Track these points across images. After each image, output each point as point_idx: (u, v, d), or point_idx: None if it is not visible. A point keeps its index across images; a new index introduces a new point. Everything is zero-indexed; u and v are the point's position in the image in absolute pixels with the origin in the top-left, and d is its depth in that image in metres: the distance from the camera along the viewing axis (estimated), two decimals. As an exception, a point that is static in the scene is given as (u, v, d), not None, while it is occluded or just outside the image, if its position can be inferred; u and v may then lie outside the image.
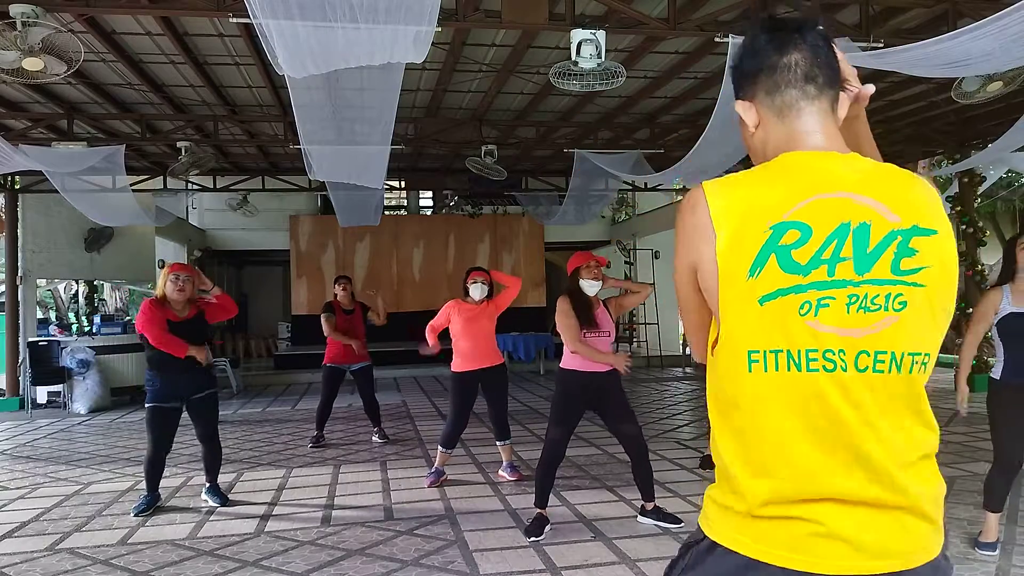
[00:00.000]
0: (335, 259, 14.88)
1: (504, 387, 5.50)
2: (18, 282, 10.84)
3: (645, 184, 11.49)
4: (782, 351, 1.15)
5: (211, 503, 5.07)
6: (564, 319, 4.26)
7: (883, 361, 1.14)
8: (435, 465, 5.48)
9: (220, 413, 5.26)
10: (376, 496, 5.21)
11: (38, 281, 12.75)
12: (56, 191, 9.03)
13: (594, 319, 4.25)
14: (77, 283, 16.15)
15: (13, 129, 8.86)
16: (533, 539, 4.11)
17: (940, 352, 1.24)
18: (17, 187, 10.88)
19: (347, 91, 5.94)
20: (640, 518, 4.42)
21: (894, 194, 1.19)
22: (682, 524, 4.25)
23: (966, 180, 9.92)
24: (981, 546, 3.83)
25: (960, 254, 10.15)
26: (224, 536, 4.38)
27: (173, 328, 4.76)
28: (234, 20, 4.70)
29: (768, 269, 1.14)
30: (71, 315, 16.45)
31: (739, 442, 1.22)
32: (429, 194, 17.92)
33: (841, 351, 1.13)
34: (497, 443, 5.57)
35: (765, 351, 1.16)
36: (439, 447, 5.44)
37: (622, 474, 5.55)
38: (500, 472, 5.60)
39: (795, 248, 1.14)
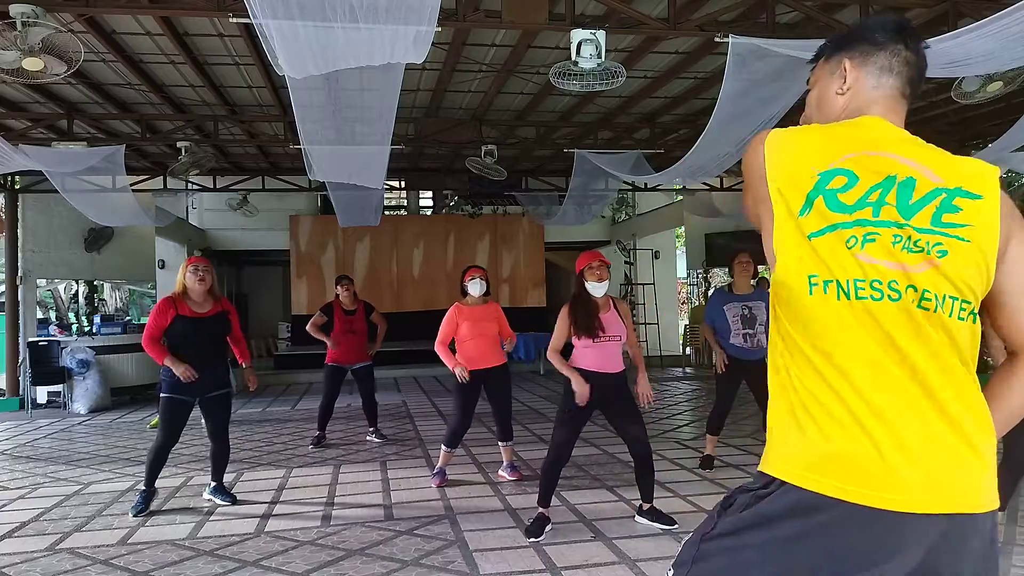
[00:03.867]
0: (335, 259, 14.88)
1: (507, 387, 5.48)
2: (18, 282, 10.84)
3: (645, 184, 11.48)
4: (831, 281, 1.24)
5: (217, 502, 5.06)
6: (557, 325, 4.27)
7: (929, 299, 1.22)
8: (439, 465, 5.47)
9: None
10: (376, 496, 5.21)
11: (38, 281, 12.74)
12: (56, 191, 9.03)
13: (596, 326, 4.17)
14: (77, 283, 16.14)
15: (13, 129, 8.86)
16: (533, 539, 4.10)
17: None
18: (17, 187, 10.88)
19: (347, 91, 5.94)
20: (637, 517, 4.43)
21: (941, 161, 1.29)
22: (677, 526, 4.25)
23: (966, 180, 9.89)
24: None
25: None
26: (224, 536, 4.38)
27: (188, 324, 4.74)
28: (234, 20, 4.70)
29: (816, 209, 1.25)
30: (71, 315, 16.44)
31: (808, 369, 1.26)
32: (429, 194, 17.92)
33: (892, 282, 1.22)
34: (499, 443, 5.57)
35: (822, 279, 1.25)
36: (442, 447, 5.44)
37: (622, 474, 5.55)
38: (500, 472, 5.60)
39: (841, 192, 1.25)
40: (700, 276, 16.10)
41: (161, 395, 4.88)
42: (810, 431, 1.24)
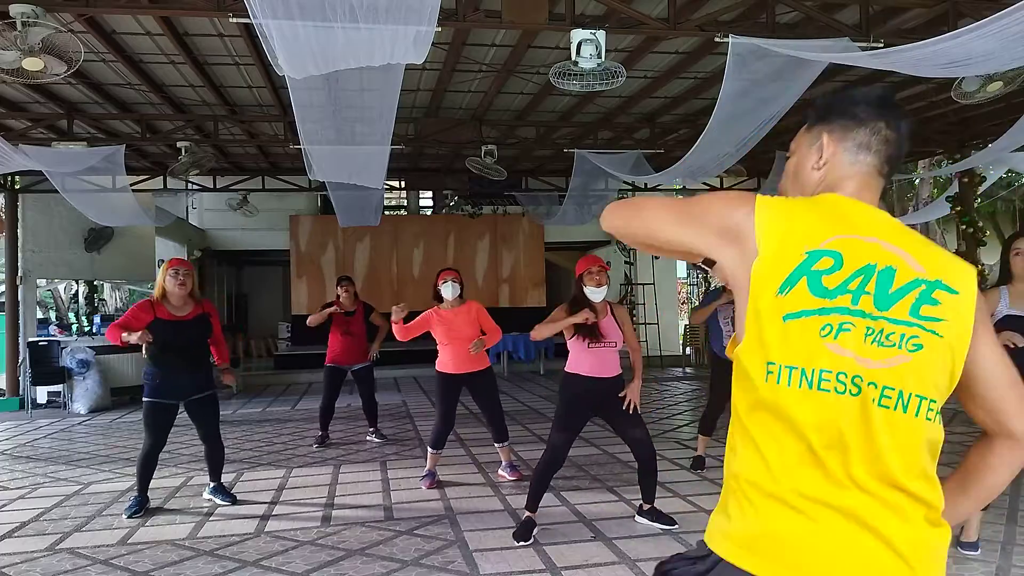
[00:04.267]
0: (335, 259, 14.87)
1: (492, 390, 5.43)
2: (18, 282, 10.84)
3: (645, 184, 11.47)
4: (797, 368, 1.19)
5: (217, 502, 5.06)
6: (552, 316, 4.27)
7: (890, 397, 1.18)
8: (427, 467, 5.46)
9: (220, 413, 5.25)
10: (376, 496, 5.21)
11: (38, 281, 12.74)
12: (56, 191, 9.03)
13: (596, 329, 4.16)
14: (77, 283, 16.14)
15: (13, 129, 8.86)
16: (522, 543, 4.08)
17: None
18: (17, 187, 10.88)
19: (347, 91, 5.94)
20: (637, 517, 4.43)
21: (924, 251, 1.27)
22: (677, 526, 4.25)
23: (966, 180, 9.92)
24: (963, 546, 3.83)
25: (960, 254, 10.21)
26: (224, 536, 4.38)
27: (168, 328, 4.70)
28: (234, 20, 4.70)
29: (797, 289, 1.20)
30: (71, 315, 16.45)
31: (751, 450, 1.24)
32: (429, 194, 17.91)
33: (856, 376, 1.18)
34: (495, 445, 5.56)
35: (781, 365, 1.20)
36: (428, 449, 5.44)
37: (622, 474, 5.55)
38: (500, 472, 5.60)
39: (826, 274, 1.20)
40: (700, 276, 16.11)
41: (144, 399, 4.86)
42: (749, 511, 1.22)
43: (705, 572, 1.24)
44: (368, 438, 7.24)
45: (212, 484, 5.14)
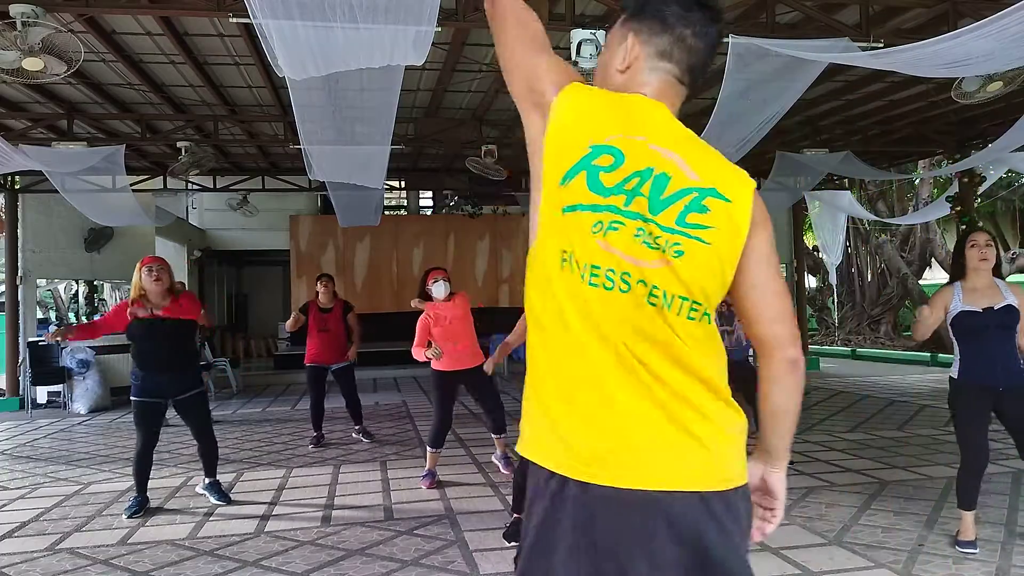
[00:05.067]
0: (335, 259, 14.86)
1: (488, 384, 5.41)
2: (18, 282, 10.83)
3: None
4: (575, 259, 1.24)
5: (212, 500, 5.06)
6: (519, 324, 4.32)
7: (656, 296, 1.23)
8: (427, 467, 5.46)
9: (220, 413, 5.26)
10: (376, 496, 5.20)
11: (38, 281, 12.74)
12: (56, 191, 9.02)
13: None
14: (77, 283, 16.15)
15: (13, 129, 8.86)
16: (514, 543, 4.06)
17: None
18: (17, 187, 10.88)
19: (347, 91, 5.94)
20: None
21: (702, 160, 1.28)
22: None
23: (966, 180, 9.91)
24: (961, 544, 3.83)
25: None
26: (224, 536, 4.38)
27: (144, 326, 4.72)
28: (234, 20, 4.70)
29: (577, 182, 1.23)
30: (71, 315, 16.45)
31: (543, 347, 1.29)
32: (429, 194, 17.91)
33: (625, 274, 1.23)
34: (493, 436, 5.57)
35: (564, 253, 1.25)
36: (427, 448, 5.44)
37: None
38: (492, 459, 5.60)
39: (605, 171, 1.23)
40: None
41: (131, 399, 4.87)
42: (541, 406, 1.29)
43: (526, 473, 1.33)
44: (353, 435, 7.24)
45: (207, 480, 5.13)
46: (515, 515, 4.21)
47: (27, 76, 4.97)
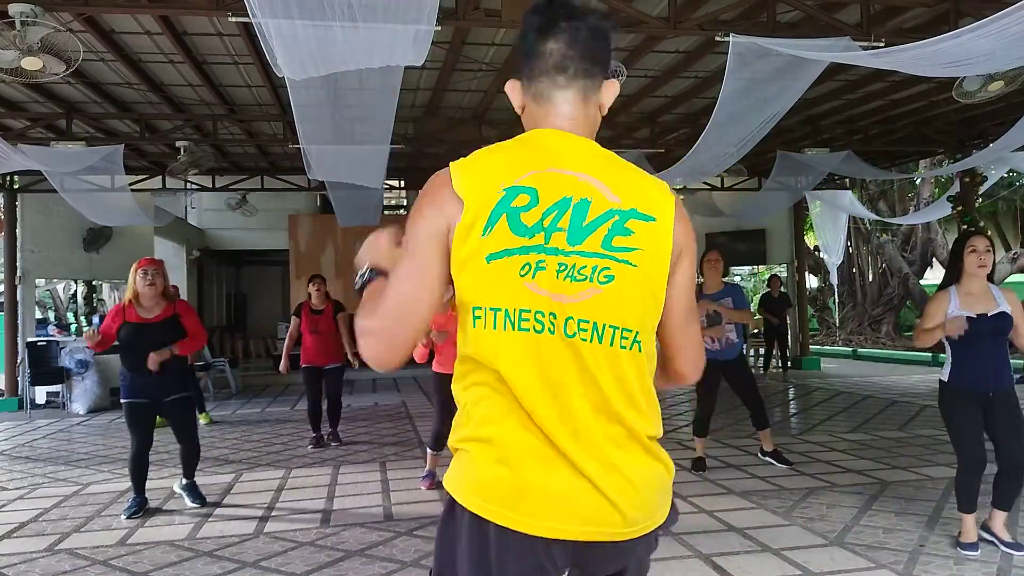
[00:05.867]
0: (334, 259, 14.84)
1: None
2: (17, 282, 10.82)
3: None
4: (500, 310, 1.20)
5: (187, 501, 5.03)
6: None
7: (585, 330, 1.20)
8: (427, 468, 5.44)
9: (219, 414, 5.26)
10: (376, 497, 5.19)
11: (37, 281, 12.72)
12: (55, 191, 9.01)
13: None
14: (76, 283, 16.14)
15: (12, 129, 8.84)
16: None
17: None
18: (16, 187, 10.87)
19: (347, 91, 5.93)
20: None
21: (620, 179, 1.26)
22: (675, 524, 4.22)
23: (967, 180, 9.91)
24: (962, 546, 3.82)
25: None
26: (223, 537, 4.36)
27: (131, 330, 4.70)
28: (233, 19, 4.68)
29: (499, 228, 1.20)
30: (70, 315, 16.44)
31: (469, 395, 1.26)
32: (429, 194, 17.89)
33: (552, 314, 1.20)
34: None
35: (486, 308, 1.21)
36: (428, 450, 5.42)
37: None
38: None
39: (524, 211, 1.20)
40: (700, 275, 16.09)
41: (121, 400, 4.87)
42: (473, 456, 1.24)
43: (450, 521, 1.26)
44: (328, 441, 7.11)
45: (184, 481, 5.11)
46: None
47: (26, 75, 4.96)
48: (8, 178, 10.63)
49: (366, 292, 1.35)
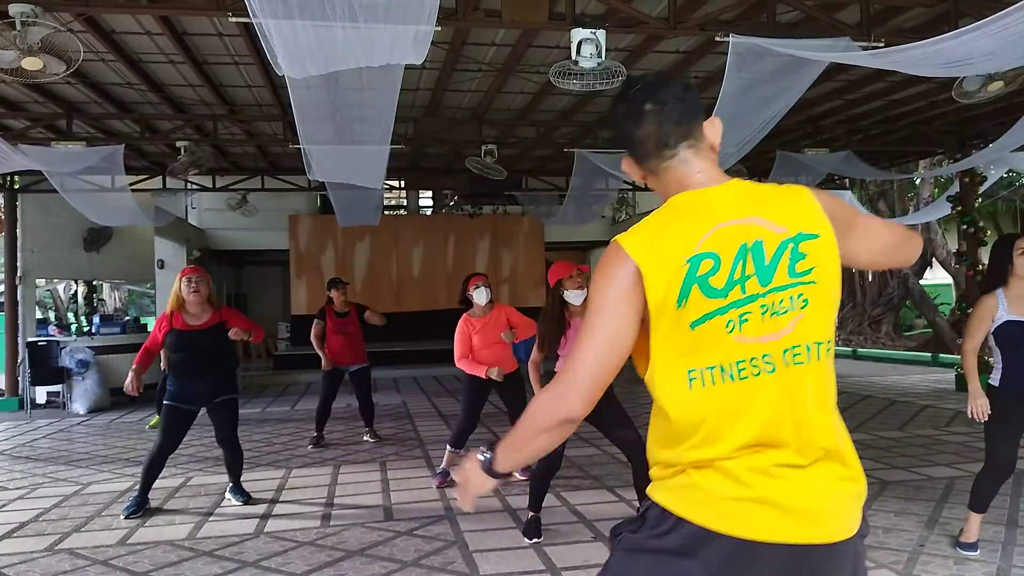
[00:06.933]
0: (335, 259, 14.86)
1: (521, 393, 5.33)
2: (17, 282, 10.82)
3: (645, 184, 11.47)
4: (715, 367, 1.31)
5: (234, 502, 5.08)
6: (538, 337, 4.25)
7: (800, 354, 1.32)
8: (443, 465, 5.45)
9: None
10: (376, 496, 5.20)
11: (37, 281, 12.72)
12: (55, 191, 9.01)
13: (559, 343, 4.09)
14: (76, 283, 16.14)
15: (12, 129, 8.85)
16: (535, 540, 4.08)
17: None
18: (16, 187, 10.87)
19: (347, 91, 5.93)
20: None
21: (776, 208, 1.37)
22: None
23: (967, 180, 9.91)
24: (962, 546, 3.80)
25: (960, 254, 10.22)
26: (223, 536, 4.37)
27: (180, 337, 4.77)
28: (233, 19, 4.68)
29: (693, 297, 1.31)
30: (70, 315, 16.44)
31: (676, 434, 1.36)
32: (429, 194, 17.91)
33: (765, 356, 1.31)
34: None
35: (701, 369, 1.32)
36: (448, 447, 5.43)
37: (622, 474, 5.54)
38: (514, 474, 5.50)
39: (711, 275, 1.31)
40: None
41: (164, 402, 4.92)
42: (719, 484, 1.33)
43: (666, 534, 1.35)
44: (364, 439, 7.25)
45: (231, 484, 5.16)
46: (532, 513, 4.22)
47: (26, 76, 4.96)
48: (8, 178, 10.63)
49: (507, 446, 1.45)
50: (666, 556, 1.34)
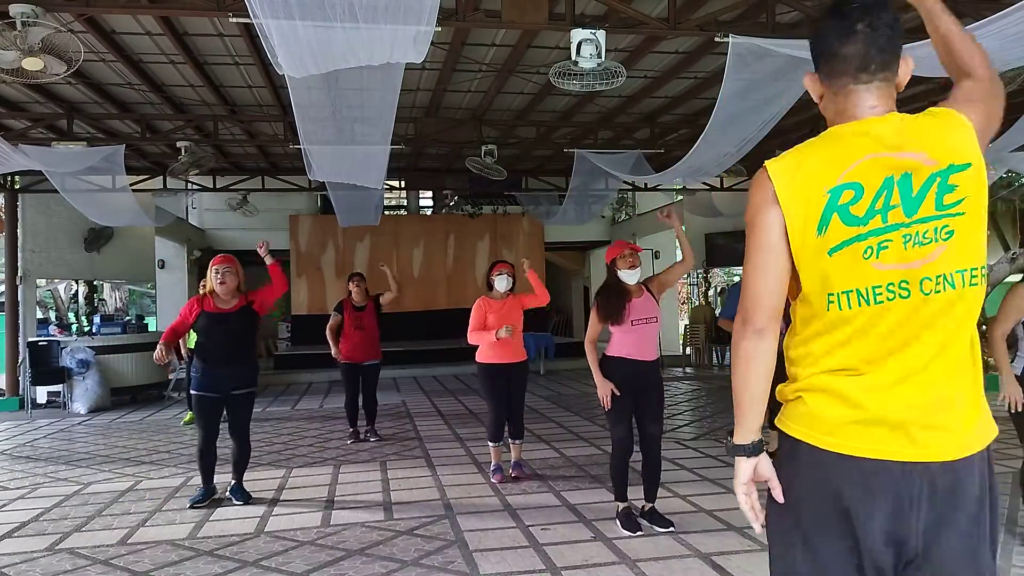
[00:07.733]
0: (335, 259, 14.87)
1: (524, 385, 5.54)
2: (18, 282, 10.84)
3: (645, 184, 11.48)
4: (852, 291, 1.37)
5: (235, 501, 5.09)
6: (591, 315, 4.40)
7: (940, 283, 1.36)
8: (493, 462, 5.53)
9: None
10: (376, 496, 5.20)
11: (38, 281, 12.74)
12: (56, 191, 9.03)
13: (623, 312, 4.22)
14: (77, 283, 16.14)
15: (13, 129, 8.86)
16: (640, 533, 4.15)
17: None
18: (17, 187, 10.88)
19: (347, 91, 5.94)
20: (637, 518, 4.41)
21: (930, 141, 1.38)
22: (673, 528, 4.23)
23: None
24: None
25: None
26: (224, 536, 4.37)
27: (210, 319, 4.91)
28: (234, 20, 4.70)
29: (832, 226, 1.36)
30: (71, 315, 16.44)
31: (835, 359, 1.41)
32: (429, 194, 17.91)
33: (903, 282, 1.36)
34: (511, 441, 5.55)
35: (839, 292, 1.38)
36: (489, 444, 5.51)
37: (622, 474, 5.54)
38: (510, 471, 5.53)
39: (852, 204, 1.36)
40: (700, 276, 16.10)
41: (192, 392, 5.10)
42: (852, 399, 1.39)
43: (792, 458, 1.43)
44: (365, 435, 7.27)
45: (232, 482, 5.17)
46: (622, 505, 4.34)
47: (27, 76, 4.97)
48: (9, 178, 10.65)
49: (736, 419, 1.53)
50: (802, 484, 1.41)
